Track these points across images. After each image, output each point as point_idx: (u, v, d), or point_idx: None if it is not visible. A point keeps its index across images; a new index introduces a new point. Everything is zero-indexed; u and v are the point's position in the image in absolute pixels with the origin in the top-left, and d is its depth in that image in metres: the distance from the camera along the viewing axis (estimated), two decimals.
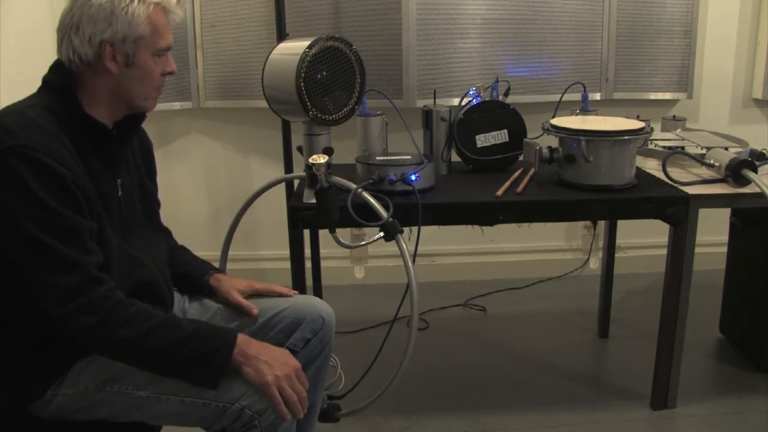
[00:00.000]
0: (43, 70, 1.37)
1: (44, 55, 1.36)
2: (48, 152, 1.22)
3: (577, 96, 2.55)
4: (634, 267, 3.39)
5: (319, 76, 1.93)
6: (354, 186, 1.92)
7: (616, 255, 2.73)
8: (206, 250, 2.06)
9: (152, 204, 1.60)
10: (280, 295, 1.68)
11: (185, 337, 1.29)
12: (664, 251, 2.13)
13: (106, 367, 1.35)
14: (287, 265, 2.21)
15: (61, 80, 1.34)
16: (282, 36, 2.56)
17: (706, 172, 2.20)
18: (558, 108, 2.47)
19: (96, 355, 1.36)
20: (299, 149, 2.16)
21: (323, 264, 2.63)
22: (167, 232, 1.76)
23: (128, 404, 1.35)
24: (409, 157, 2.09)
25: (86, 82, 1.34)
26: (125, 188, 1.46)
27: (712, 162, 2.15)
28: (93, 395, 1.35)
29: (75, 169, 1.26)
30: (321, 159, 1.78)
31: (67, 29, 1.32)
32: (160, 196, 1.65)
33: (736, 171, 2.06)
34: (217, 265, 1.81)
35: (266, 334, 1.62)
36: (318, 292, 2.59)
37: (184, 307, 1.65)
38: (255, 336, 1.60)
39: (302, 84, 1.88)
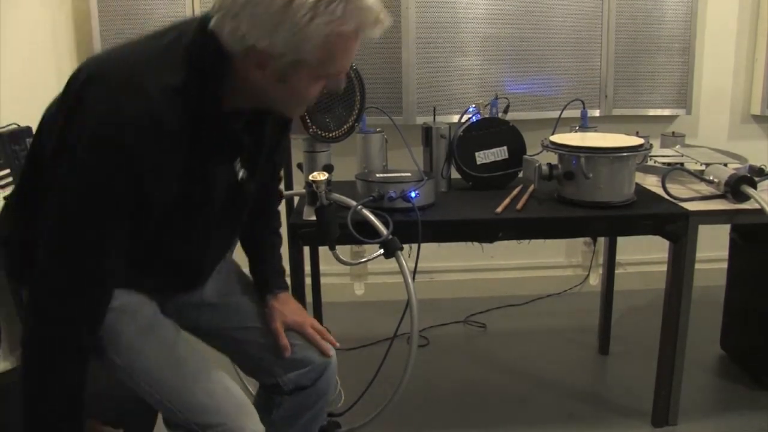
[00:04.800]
0: (45, 72, 1.29)
1: (45, 59, 1.31)
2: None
3: (576, 113, 2.56)
4: (634, 283, 3.38)
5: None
6: (354, 203, 1.92)
7: (616, 271, 2.73)
8: None
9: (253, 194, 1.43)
10: (319, 347, 1.55)
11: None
12: (664, 267, 2.13)
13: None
14: (287, 281, 2.21)
15: (210, 63, 1.13)
16: None
17: (705, 189, 2.20)
18: (557, 125, 2.48)
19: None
20: (299, 166, 2.16)
21: (323, 281, 2.62)
22: (274, 215, 1.64)
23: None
24: (409, 174, 2.09)
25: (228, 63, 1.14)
26: (241, 174, 1.33)
27: (711, 178, 2.16)
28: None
29: (167, 156, 1.13)
30: (321, 176, 1.78)
31: (228, 8, 1.08)
32: None
33: (736, 187, 2.06)
34: None
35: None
36: (318, 308, 2.59)
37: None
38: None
39: None
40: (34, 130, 1.29)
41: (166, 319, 1.41)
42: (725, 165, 2.24)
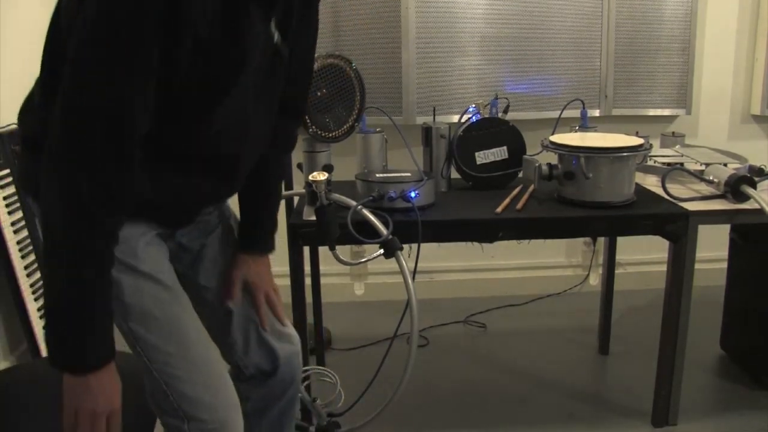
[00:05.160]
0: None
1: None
2: None
3: (576, 113, 2.56)
4: (634, 283, 3.39)
5: (318, 94, 1.94)
6: (354, 203, 1.92)
7: (616, 271, 2.73)
8: None
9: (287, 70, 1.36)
10: (259, 315, 1.49)
11: (79, 300, 1.08)
12: (664, 267, 2.13)
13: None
14: (287, 281, 2.21)
15: None
16: None
17: (705, 189, 2.20)
18: (557, 125, 2.48)
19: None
20: (299, 166, 2.16)
21: (323, 281, 2.63)
22: (280, 166, 1.57)
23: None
24: (409, 174, 2.09)
25: None
26: (276, 38, 1.25)
27: (711, 178, 2.16)
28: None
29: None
30: (321, 176, 1.78)
31: None
32: None
33: (735, 187, 2.06)
34: None
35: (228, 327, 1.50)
36: (318, 308, 2.59)
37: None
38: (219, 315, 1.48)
39: None
40: None
41: (184, 293, 1.36)
42: (725, 165, 2.24)
